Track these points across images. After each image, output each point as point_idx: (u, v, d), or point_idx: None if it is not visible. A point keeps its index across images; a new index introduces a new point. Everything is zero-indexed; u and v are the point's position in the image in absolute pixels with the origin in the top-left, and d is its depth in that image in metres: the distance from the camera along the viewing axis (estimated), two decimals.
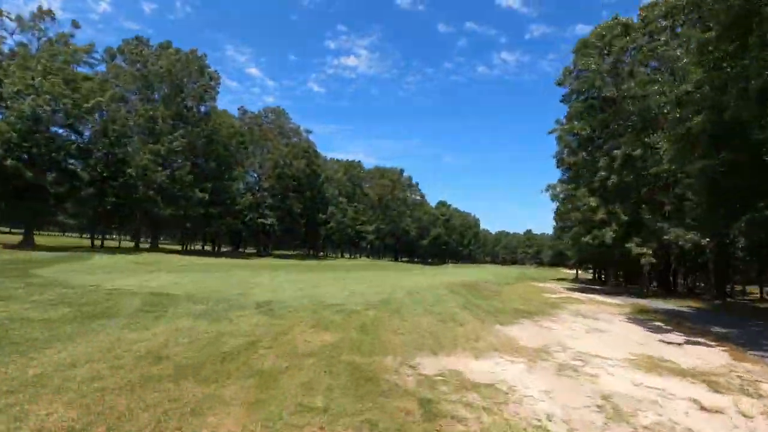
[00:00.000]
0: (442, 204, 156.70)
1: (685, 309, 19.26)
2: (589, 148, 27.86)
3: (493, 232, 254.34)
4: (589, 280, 73.61)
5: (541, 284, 36.89)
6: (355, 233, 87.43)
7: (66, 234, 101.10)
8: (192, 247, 71.27)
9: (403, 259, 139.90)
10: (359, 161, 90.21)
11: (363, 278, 26.45)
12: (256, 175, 63.19)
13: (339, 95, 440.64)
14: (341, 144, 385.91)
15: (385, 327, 9.16)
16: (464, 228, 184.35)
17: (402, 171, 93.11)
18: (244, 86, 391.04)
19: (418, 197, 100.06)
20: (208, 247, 68.41)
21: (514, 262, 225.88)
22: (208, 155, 50.52)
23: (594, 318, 13.12)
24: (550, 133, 32.40)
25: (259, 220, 58.35)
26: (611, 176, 25.22)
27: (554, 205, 76.35)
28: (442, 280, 29.54)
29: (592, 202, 25.17)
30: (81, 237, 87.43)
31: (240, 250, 74.24)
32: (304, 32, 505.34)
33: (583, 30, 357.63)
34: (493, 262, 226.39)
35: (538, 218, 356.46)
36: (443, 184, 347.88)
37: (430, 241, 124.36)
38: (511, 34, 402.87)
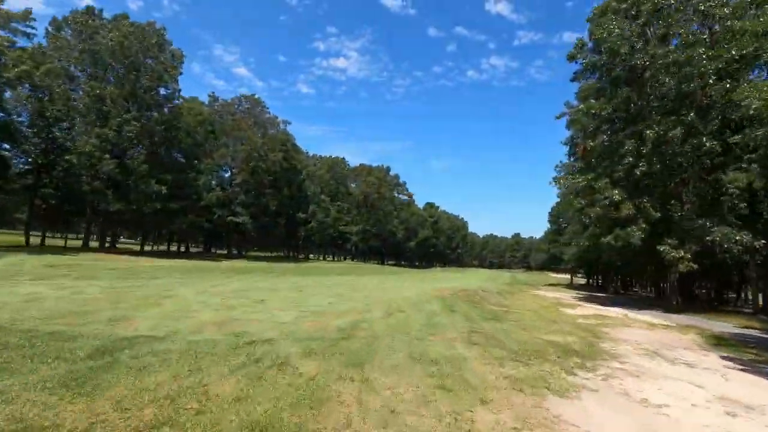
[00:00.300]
0: (430, 205, 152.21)
1: (760, 333, 14.62)
2: (609, 132, 23.24)
3: (481, 236, 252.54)
4: (584, 285, 69.81)
5: (543, 292, 32.27)
6: (338, 234, 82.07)
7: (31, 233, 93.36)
8: (157, 248, 65.04)
9: (390, 261, 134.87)
10: (343, 158, 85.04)
11: (335, 287, 21.33)
12: (228, 169, 57.41)
13: (328, 97, 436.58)
14: (329, 146, 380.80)
15: (320, 420, 4.10)
16: (452, 230, 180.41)
17: (389, 169, 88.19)
18: (232, 86, 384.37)
19: (406, 197, 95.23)
20: (178, 248, 62.23)
21: (501, 266, 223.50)
22: (170, 144, 44.75)
23: (685, 362, 8.21)
24: (558, 117, 27.91)
25: (230, 218, 52.62)
26: (639, 163, 20.60)
27: (550, 205, 72.41)
28: (432, 289, 24.62)
29: (616, 195, 20.48)
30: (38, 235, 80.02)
31: (213, 251, 68.24)
32: (294, 33, 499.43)
33: (570, 38, 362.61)
34: (481, 265, 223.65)
35: (527, 222, 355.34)
36: (431, 188, 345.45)
37: (418, 243, 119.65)
38: (500, 40, 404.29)
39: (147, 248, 56.93)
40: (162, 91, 43.84)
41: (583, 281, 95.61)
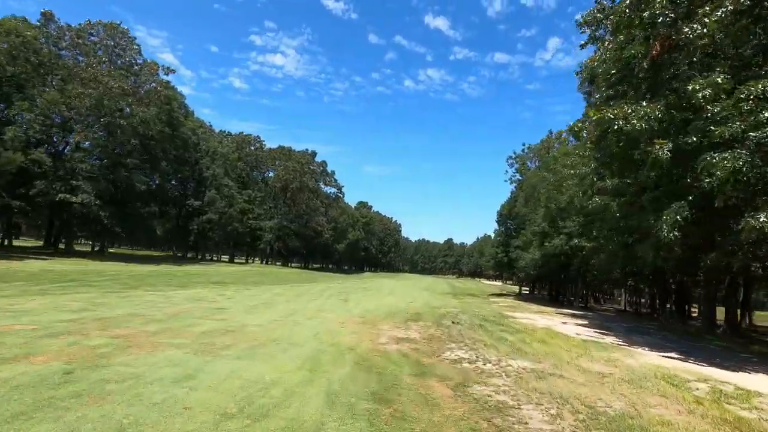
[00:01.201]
0: (362, 205, 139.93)
1: None
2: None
3: (413, 240, 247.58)
4: (532, 295, 61.80)
5: (537, 319, 20.84)
6: (247, 230, 65.73)
7: None
8: None
9: (315, 265, 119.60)
10: (258, 136, 68.69)
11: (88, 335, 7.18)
12: (71, 125, 39.14)
13: (263, 93, 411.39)
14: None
15: None
16: (385, 233, 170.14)
17: (314, 154, 73.36)
18: None
19: (334, 189, 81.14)
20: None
21: (432, 271, 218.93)
22: None
23: None
24: (583, 23, 16.57)
25: (62, 196, 34.89)
26: None
27: (499, 204, 63.03)
28: (358, 319, 11.39)
29: None
30: None
31: (59, 246, 48.44)
32: (228, 24, 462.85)
33: (501, 58, 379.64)
34: (412, 270, 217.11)
35: (459, 228, 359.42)
36: (364, 193, 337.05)
37: (348, 245, 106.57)
38: (437, 54, 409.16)
39: None
40: None
41: (514, 287, 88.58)
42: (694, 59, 11.05)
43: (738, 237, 9.98)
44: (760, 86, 8.89)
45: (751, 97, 8.86)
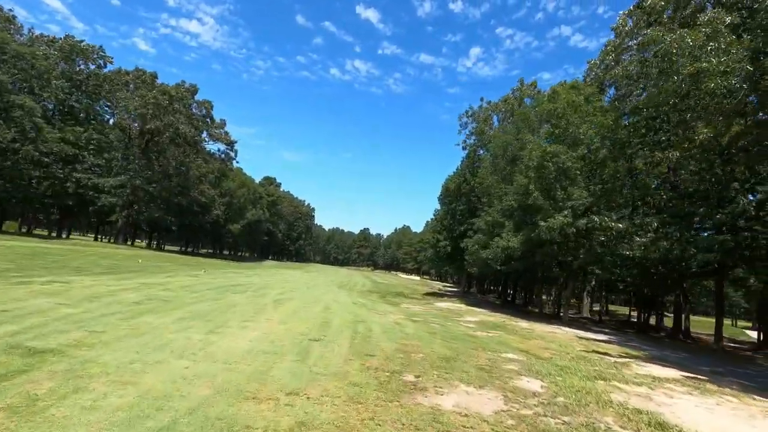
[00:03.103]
0: (268, 181, 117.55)
1: None
2: None
3: (327, 229, 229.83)
4: (463, 293, 49.30)
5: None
6: (74, 189, 42.27)
7: None
8: None
9: (202, 250, 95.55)
10: (101, 47, 44.82)
11: None
12: None
13: (172, 61, 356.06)
14: None
15: None
16: (295, 218, 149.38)
17: (195, 90, 51.16)
18: (39, 20, 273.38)
19: (224, 144, 59.24)
20: None
21: (346, 263, 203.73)
22: None
23: None
24: None
25: None
26: None
27: (445, 175, 48.77)
28: None
29: None
30: None
31: None
32: None
33: (426, 59, 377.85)
34: (324, 261, 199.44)
35: (376, 220, 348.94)
36: (279, 178, 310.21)
37: (246, 226, 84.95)
38: (365, 46, 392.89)
39: None
40: None
41: (436, 283, 77.31)
42: None
43: None
44: None
45: None
